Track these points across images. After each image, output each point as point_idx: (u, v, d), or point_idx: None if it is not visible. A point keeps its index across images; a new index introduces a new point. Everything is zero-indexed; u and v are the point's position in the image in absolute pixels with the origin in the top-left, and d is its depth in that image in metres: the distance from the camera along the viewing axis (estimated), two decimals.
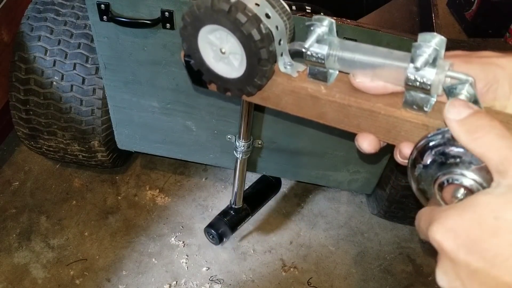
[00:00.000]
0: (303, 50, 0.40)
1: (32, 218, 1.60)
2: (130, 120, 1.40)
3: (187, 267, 1.51)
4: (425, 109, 0.37)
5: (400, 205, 1.47)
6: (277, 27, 0.40)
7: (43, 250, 1.52)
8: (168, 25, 1.09)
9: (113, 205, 1.66)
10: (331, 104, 0.42)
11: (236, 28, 0.39)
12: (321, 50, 0.39)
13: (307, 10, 1.02)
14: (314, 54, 0.40)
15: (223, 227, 1.38)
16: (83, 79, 1.35)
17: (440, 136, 0.34)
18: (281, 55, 0.42)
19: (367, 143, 0.41)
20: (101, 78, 1.31)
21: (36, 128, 1.44)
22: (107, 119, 1.42)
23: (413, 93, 0.37)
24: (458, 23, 2.53)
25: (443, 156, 0.34)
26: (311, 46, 0.40)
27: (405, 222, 1.63)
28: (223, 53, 0.43)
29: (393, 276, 1.55)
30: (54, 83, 1.36)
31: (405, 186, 1.37)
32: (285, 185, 1.76)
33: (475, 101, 0.34)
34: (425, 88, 0.35)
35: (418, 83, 0.35)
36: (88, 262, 1.50)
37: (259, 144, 1.38)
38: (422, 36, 0.34)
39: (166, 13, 1.07)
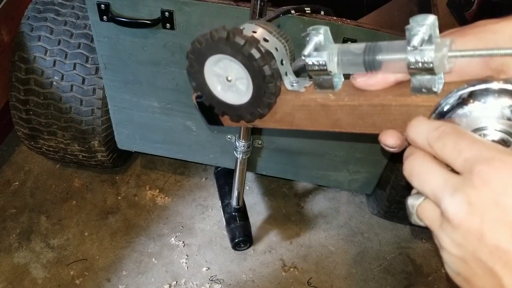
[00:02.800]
0: (303, 58, 0.41)
1: (32, 218, 1.60)
2: (130, 120, 1.40)
3: (187, 267, 1.51)
4: (434, 89, 0.36)
5: (400, 205, 1.47)
6: (276, 49, 0.42)
7: (43, 250, 1.52)
8: (168, 25, 1.10)
9: (113, 205, 1.66)
10: (343, 109, 0.42)
11: (236, 52, 0.41)
12: (321, 56, 0.40)
13: (307, 11, 1.02)
14: (315, 62, 0.41)
15: (239, 230, 1.39)
16: (83, 79, 1.35)
17: (453, 98, 0.35)
18: (286, 74, 0.43)
19: (390, 140, 0.39)
20: (101, 78, 1.31)
21: (36, 128, 1.44)
22: (107, 119, 1.42)
23: (419, 77, 0.36)
24: (458, 23, 2.53)
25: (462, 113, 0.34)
26: (310, 54, 0.40)
27: (405, 222, 1.63)
28: (229, 80, 0.44)
29: (393, 276, 1.55)
30: (54, 83, 1.36)
31: (405, 186, 1.37)
32: (285, 185, 1.76)
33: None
34: (428, 68, 0.35)
35: (420, 64, 0.35)
36: (88, 262, 1.50)
37: (259, 144, 1.38)
38: (413, 19, 0.34)
39: (166, 13, 1.07)
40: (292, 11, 0.99)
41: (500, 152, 0.29)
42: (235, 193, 1.38)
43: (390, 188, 1.43)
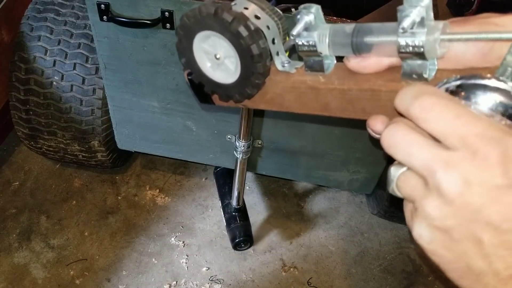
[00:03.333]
0: (291, 37, 0.40)
1: (32, 218, 1.60)
2: (130, 120, 1.40)
3: (187, 267, 1.51)
4: (425, 76, 0.35)
5: (400, 205, 1.46)
6: (268, 27, 0.41)
7: (43, 250, 1.52)
8: (168, 25, 1.09)
9: (113, 205, 1.66)
10: (332, 92, 0.41)
11: (224, 29, 0.39)
12: (311, 37, 0.39)
13: None
14: (304, 43, 0.39)
15: (239, 229, 1.39)
16: (83, 79, 1.35)
17: (441, 89, 0.33)
18: (277, 54, 0.42)
19: (379, 125, 0.37)
20: (101, 78, 1.31)
21: (36, 128, 1.44)
22: (107, 119, 1.42)
23: (410, 62, 0.35)
24: None
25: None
26: (299, 33, 0.39)
27: (405, 222, 1.63)
28: (218, 59, 0.43)
29: (393, 276, 1.55)
30: (54, 83, 1.36)
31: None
32: (285, 185, 1.76)
33: None
34: (418, 52, 0.34)
35: (410, 48, 0.34)
36: (88, 262, 1.50)
37: (259, 144, 1.38)
38: (407, 1, 0.33)
39: (166, 13, 1.07)
40: (293, 9, 0.99)
41: (506, 133, 0.28)
42: (235, 193, 1.38)
43: None
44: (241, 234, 1.39)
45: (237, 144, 1.21)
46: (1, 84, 1.61)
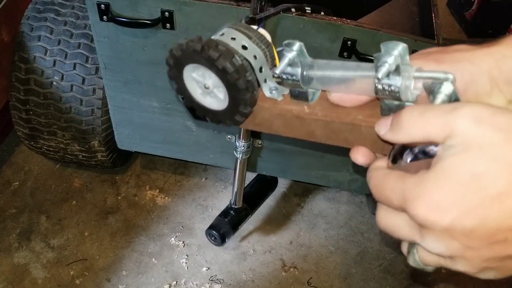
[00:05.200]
0: (275, 75, 0.42)
1: (32, 218, 1.60)
2: (130, 120, 1.40)
3: (187, 267, 1.51)
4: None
5: None
6: (255, 57, 0.42)
7: (43, 250, 1.52)
8: (168, 25, 1.10)
9: (113, 205, 1.66)
10: (316, 122, 0.43)
11: (211, 65, 0.41)
12: (294, 72, 0.41)
13: (307, 10, 1.02)
14: (289, 78, 0.41)
15: (224, 227, 1.38)
16: (83, 79, 1.35)
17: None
18: (265, 81, 0.43)
19: (360, 156, 0.41)
20: (101, 78, 1.31)
21: (36, 128, 1.44)
22: (107, 119, 1.42)
23: (387, 102, 0.37)
24: (458, 23, 2.53)
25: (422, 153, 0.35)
26: (283, 71, 0.41)
27: None
28: (207, 88, 0.45)
29: (393, 276, 1.55)
30: (54, 83, 1.36)
31: None
32: (285, 185, 1.76)
33: (456, 99, 0.34)
34: (394, 96, 0.35)
35: (387, 92, 0.35)
36: (88, 262, 1.50)
37: (259, 144, 1.38)
38: (384, 46, 0.34)
39: (166, 13, 1.07)
40: (293, 9, 0.99)
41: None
42: (234, 193, 1.38)
43: None
44: (220, 231, 1.38)
45: (237, 144, 1.21)
46: (1, 84, 1.61)
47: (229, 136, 1.37)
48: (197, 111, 0.48)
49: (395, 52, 0.34)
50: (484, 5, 2.34)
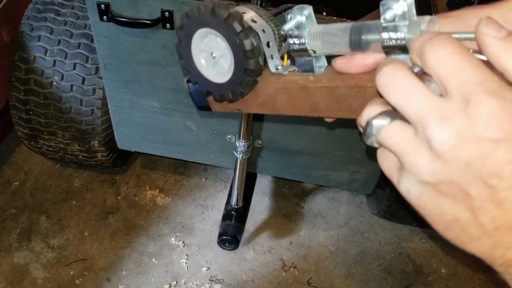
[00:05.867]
0: (282, 33, 0.42)
1: (32, 218, 1.60)
2: (130, 120, 1.40)
3: (187, 267, 1.51)
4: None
5: (400, 205, 1.47)
6: (263, 31, 0.43)
7: (43, 250, 1.52)
8: (168, 25, 1.10)
9: (113, 205, 1.66)
10: (321, 91, 0.42)
11: (220, 26, 0.42)
12: (302, 35, 0.41)
13: None
14: (296, 41, 0.41)
15: (231, 230, 1.39)
16: (83, 79, 1.35)
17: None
18: (271, 57, 0.44)
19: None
20: (101, 78, 1.31)
21: (36, 128, 1.44)
22: (107, 119, 1.42)
23: (394, 56, 0.36)
24: None
25: None
26: (291, 29, 0.41)
27: (405, 222, 1.63)
28: (214, 57, 0.45)
29: (393, 276, 1.55)
30: (54, 83, 1.36)
31: None
32: (285, 185, 1.76)
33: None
34: (401, 45, 0.34)
35: (393, 41, 0.34)
36: (88, 262, 1.50)
37: (259, 144, 1.38)
38: None
39: (166, 13, 1.07)
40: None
41: (504, 87, 0.27)
42: (235, 193, 1.38)
43: (390, 188, 1.43)
44: (229, 233, 1.38)
45: (237, 144, 1.21)
46: (1, 84, 1.61)
47: (229, 136, 1.37)
48: (201, 87, 0.48)
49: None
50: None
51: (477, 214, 0.29)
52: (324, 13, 1.05)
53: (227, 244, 1.40)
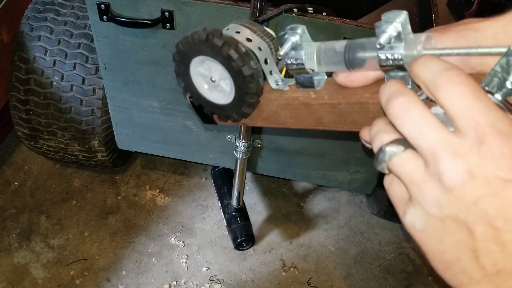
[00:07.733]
0: (279, 58, 0.42)
1: (32, 218, 1.60)
2: (130, 120, 1.40)
3: (187, 267, 1.51)
4: (409, 86, 0.36)
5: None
6: (260, 48, 0.43)
7: (43, 250, 1.52)
8: (168, 25, 1.10)
9: (113, 205, 1.66)
10: (323, 107, 0.43)
11: (216, 54, 0.42)
12: (298, 55, 0.41)
13: (309, 11, 1.02)
14: (293, 61, 0.41)
15: (241, 229, 1.39)
16: (83, 79, 1.35)
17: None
18: (271, 73, 0.44)
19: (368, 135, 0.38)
20: (101, 78, 1.31)
21: (36, 128, 1.44)
22: (107, 119, 1.42)
23: (392, 74, 0.36)
24: None
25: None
26: (287, 53, 0.41)
27: None
28: (214, 81, 0.45)
29: (393, 276, 1.55)
30: (54, 83, 1.36)
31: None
32: (285, 185, 1.76)
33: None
34: (398, 65, 0.35)
35: (390, 62, 0.35)
36: (88, 262, 1.50)
37: (259, 144, 1.38)
38: (385, 15, 0.34)
39: (166, 13, 1.07)
40: (295, 10, 0.99)
41: None
42: (235, 193, 1.38)
43: None
44: (243, 234, 1.39)
45: (237, 144, 1.21)
46: (1, 84, 1.61)
47: (229, 136, 1.37)
48: (205, 108, 0.49)
49: (396, 19, 0.33)
50: (484, 5, 2.34)
51: (479, 256, 0.28)
52: (324, 13, 1.05)
53: (245, 245, 1.41)
